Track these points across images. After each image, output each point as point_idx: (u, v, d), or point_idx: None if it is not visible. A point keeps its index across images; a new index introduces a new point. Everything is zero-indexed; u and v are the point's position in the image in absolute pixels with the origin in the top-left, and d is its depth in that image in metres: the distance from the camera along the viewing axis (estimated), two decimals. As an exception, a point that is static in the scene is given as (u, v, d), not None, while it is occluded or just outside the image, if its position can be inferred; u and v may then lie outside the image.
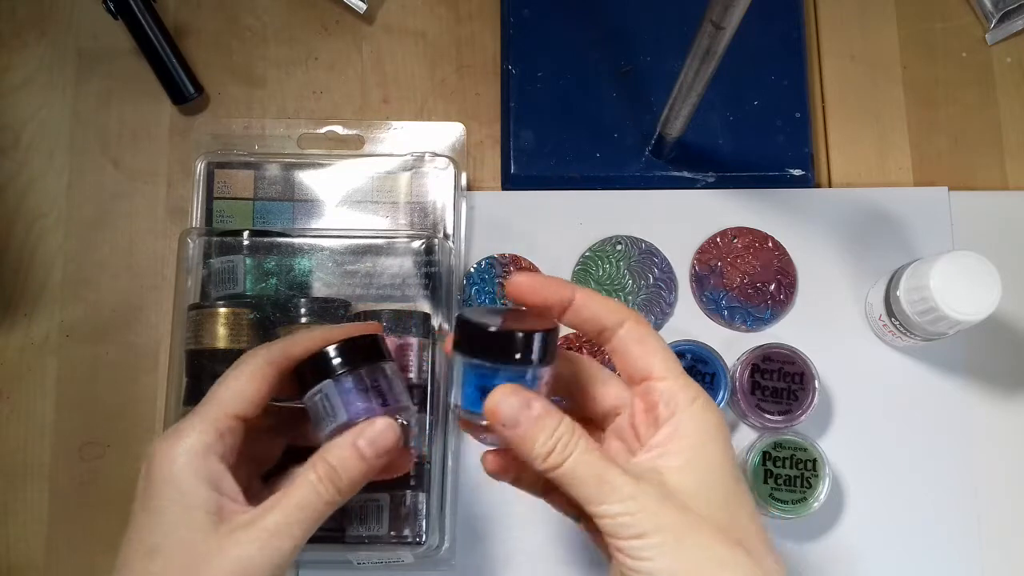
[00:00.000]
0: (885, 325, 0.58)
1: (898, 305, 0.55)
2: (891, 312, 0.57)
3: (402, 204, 0.62)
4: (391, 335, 0.56)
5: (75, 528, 0.59)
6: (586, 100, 0.64)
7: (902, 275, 0.55)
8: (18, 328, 0.62)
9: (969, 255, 0.52)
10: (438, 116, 0.65)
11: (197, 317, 0.56)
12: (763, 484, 0.56)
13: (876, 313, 0.59)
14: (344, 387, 0.43)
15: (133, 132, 0.65)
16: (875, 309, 0.59)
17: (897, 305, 0.55)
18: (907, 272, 0.55)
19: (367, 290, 0.58)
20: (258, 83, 0.65)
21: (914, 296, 0.53)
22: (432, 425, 0.56)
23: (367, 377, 0.44)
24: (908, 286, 0.54)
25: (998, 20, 0.66)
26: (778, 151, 0.64)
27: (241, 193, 0.62)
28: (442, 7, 0.67)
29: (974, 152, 0.65)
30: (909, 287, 0.54)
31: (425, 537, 0.55)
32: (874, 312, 0.59)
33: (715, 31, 0.46)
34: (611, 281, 0.62)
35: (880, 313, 0.58)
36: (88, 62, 0.65)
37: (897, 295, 0.55)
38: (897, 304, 0.55)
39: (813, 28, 0.67)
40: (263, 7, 0.66)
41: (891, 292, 0.56)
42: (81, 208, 0.63)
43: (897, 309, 0.56)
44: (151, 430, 0.60)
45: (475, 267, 0.62)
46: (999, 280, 0.51)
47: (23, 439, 0.60)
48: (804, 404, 0.58)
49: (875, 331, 0.61)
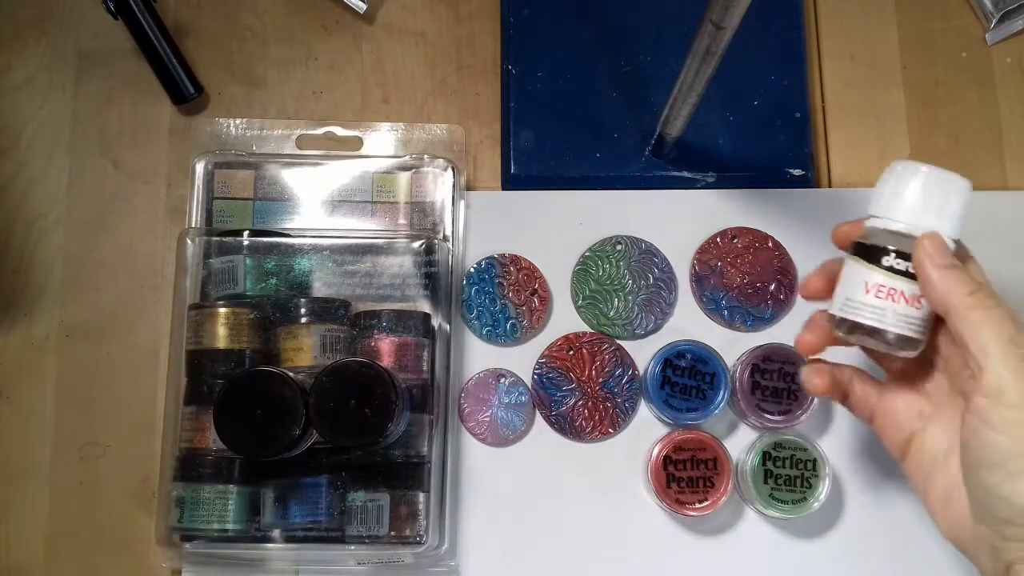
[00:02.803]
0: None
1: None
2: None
3: (402, 204, 0.62)
4: (391, 335, 0.56)
5: (75, 528, 0.59)
6: (586, 100, 0.64)
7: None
8: (18, 328, 0.62)
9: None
10: (438, 116, 0.65)
11: (197, 317, 0.56)
12: (763, 484, 0.56)
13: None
14: None
15: (133, 132, 0.65)
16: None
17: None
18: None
19: (367, 290, 0.58)
20: (258, 83, 0.65)
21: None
22: (432, 425, 0.56)
23: None
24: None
25: (998, 20, 0.66)
26: (778, 151, 0.64)
27: (241, 193, 0.62)
28: (442, 7, 0.67)
29: (974, 152, 0.65)
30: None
31: (425, 537, 0.55)
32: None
33: (715, 31, 0.46)
34: (611, 281, 0.62)
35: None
36: (88, 62, 0.65)
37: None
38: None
39: (813, 28, 0.67)
40: (263, 7, 0.66)
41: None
42: (81, 208, 0.63)
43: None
44: (151, 430, 0.60)
45: (475, 267, 0.62)
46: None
47: (23, 439, 0.60)
48: (804, 404, 0.58)
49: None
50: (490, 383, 0.60)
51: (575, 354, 0.61)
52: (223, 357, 0.56)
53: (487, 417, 0.60)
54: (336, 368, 0.52)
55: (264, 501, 0.55)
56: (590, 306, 0.62)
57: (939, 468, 0.42)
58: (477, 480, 0.59)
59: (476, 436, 0.60)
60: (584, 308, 0.62)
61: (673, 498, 0.56)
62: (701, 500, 0.56)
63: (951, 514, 0.41)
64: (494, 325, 0.61)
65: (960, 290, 0.38)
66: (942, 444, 0.42)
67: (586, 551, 0.59)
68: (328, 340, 0.56)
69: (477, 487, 0.59)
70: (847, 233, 0.44)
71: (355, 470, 0.55)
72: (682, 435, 0.57)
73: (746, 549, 0.59)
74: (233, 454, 0.53)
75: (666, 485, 0.56)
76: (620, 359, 0.61)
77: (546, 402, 0.60)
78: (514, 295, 0.61)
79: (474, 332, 0.61)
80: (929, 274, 0.39)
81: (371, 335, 0.56)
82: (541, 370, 0.61)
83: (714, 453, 0.56)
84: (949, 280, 0.39)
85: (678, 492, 0.56)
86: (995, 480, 0.37)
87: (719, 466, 0.56)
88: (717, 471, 0.56)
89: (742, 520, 0.59)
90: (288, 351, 0.56)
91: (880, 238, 0.41)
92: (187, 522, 0.54)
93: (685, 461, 0.56)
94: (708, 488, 0.56)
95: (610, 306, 0.62)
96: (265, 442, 0.51)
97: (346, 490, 0.55)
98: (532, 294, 0.61)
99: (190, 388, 0.56)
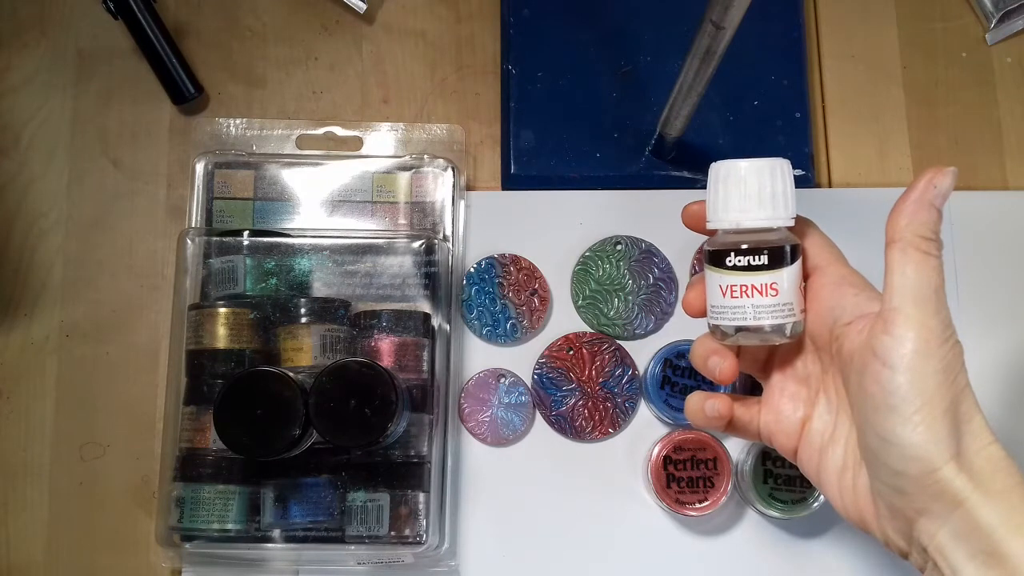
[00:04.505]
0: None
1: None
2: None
3: (402, 204, 0.62)
4: (391, 335, 0.56)
5: (75, 528, 0.59)
6: (586, 100, 0.64)
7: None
8: (18, 328, 0.62)
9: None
10: (438, 116, 0.65)
11: (197, 317, 0.56)
12: (763, 484, 0.56)
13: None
14: None
15: (133, 132, 0.65)
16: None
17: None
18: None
19: (367, 290, 0.58)
20: (258, 83, 0.65)
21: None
22: (432, 425, 0.56)
23: None
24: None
25: (998, 20, 0.66)
26: (778, 151, 0.63)
27: (241, 193, 0.62)
28: (442, 7, 0.67)
29: (974, 152, 0.65)
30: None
31: (425, 537, 0.55)
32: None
33: (715, 31, 0.46)
34: (611, 281, 0.62)
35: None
36: (88, 62, 0.65)
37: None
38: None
39: (813, 28, 0.67)
40: (263, 7, 0.66)
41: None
42: (81, 208, 0.63)
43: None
44: (151, 430, 0.60)
45: (475, 267, 0.62)
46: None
47: (23, 439, 0.60)
48: (804, 404, 0.58)
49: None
50: (490, 383, 0.60)
51: (575, 354, 0.61)
52: (223, 357, 0.56)
53: (487, 417, 0.60)
54: (336, 368, 0.52)
55: (264, 501, 0.55)
56: (590, 306, 0.62)
57: (828, 445, 0.42)
58: (477, 480, 0.59)
59: (476, 436, 0.60)
60: (584, 308, 0.62)
61: (673, 498, 0.56)
62: (701, 500, 0.56)
63: (848, 488, 0.41)
64: (494, 325, 0.61)
65: (921, 229, 0.38)
66: (828, 421, 0.42)
67: (586, 551, 0.59)
68: (328, 340, 0.56)
69: (477, 487, 0.59)
70: (693, 212, 0.45)
71: (355, 470, 0.55)
72: (682, 435, 0.57)
73: (746, 549, 0.59)
74: (233, 454, 0.53)
75: (666, 485, 0.56)
76: (620, 359, 0.61)
77: (546, 402, 0.60)
78: (514, 295, 0.61)
79: (474, 332, 0.61)
80: (907, 200, 0.39)
81: (371, 335, 0.56)
82: (541, 370, 0.61)
83: (714, 453, 0.56)
84: (921, 213, 0.38)
85: (678, 492, 0.56)
86: (889, 425, 0.37)
87: (719, 466, 0.56)
88: (717, 471, 0.56)
89: (742, 520, 0.59)
90: (288, 351, 0.56)
91: (720, 242, 0.42)
92: (187, 522, 0.54)
93: (685, 461, 0.56)
94: (708, 488, 0.56)
95: (610, 306, 0.62)
96: (265, 442, 0.51)
97: (346, 490, 0.55)
98: (532, 294, 0.61)
99: (190, 388, 0.56)
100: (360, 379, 0.52)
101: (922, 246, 0.38)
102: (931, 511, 0.37)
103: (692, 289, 0.45)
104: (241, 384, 0.52)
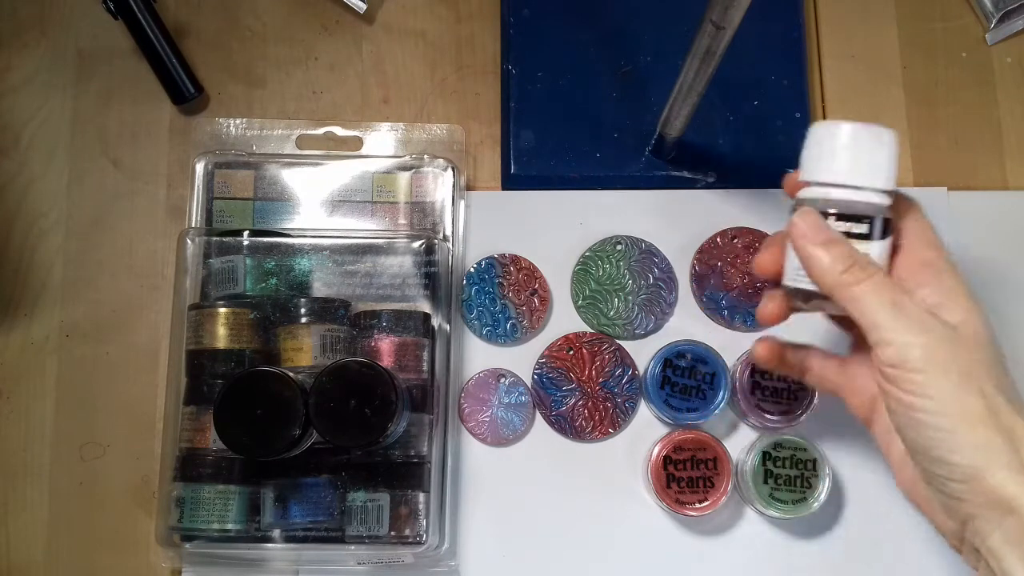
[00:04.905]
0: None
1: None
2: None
3: (402, 204, 0.62)
4: (391, 335, 0.56)
5: (75, 528, 0.59)
6: (586, 100, 0.64)
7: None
8: (18, 328, 0.62)
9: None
10: (438, 116, 0.65)
11: (197, 317, 0.56)
12: (763, 484, 0.56)
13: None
14: None
15: (133, 132, 0.65)
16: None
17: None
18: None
19: (367, 290, 0.58)
20: (258, 83, 0.65)
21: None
22: (432, 425, 0.56)
23: None
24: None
25: (998, 20, 0.66)
26: (778, 151, 0.63)
27: (241, 193, 0.62)
28: (442, 7, 0.67)
29: (974, 152, 0.65)
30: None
31: (425, 537, 0.55)
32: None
33: (715, 31, 0.46)
34: (611, 281, 0.62)
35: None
36: (88, 62, 0.65)
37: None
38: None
39: (813, 28, 0.67)
40: (263, 7, 0.66)
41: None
42: (81, 208, 0.63)
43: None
44: (151, 430, 0.60)
45: (475, 267, 0.62)
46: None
47: (23, 439, 0.60)
48: (804, 404, 0.58)
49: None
50: (490, 383, 0.60)
51: (575, 354, 0.61)
52: (223, 357, 0.56)
53: (487, 417, 0.60)
54: (336, 368, 0.52)
55: (264, 501, 0.55)
56: (590, 306, 0.62)
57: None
58: (477, 480, 0.59)
59: (476, 436, 0.60)
60: (584, 308, 0.62)
61: (673, 498, 0.56)
62: (701, 500, 0.56)
63: (908, 475, 0.41)
64: (494, 325, 0.61)
65: (835, 268, 0.38)
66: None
67: (586, 551, 0.59)
68: (328, 340, 0.56)
69: (477, 487, 0.59)
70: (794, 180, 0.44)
71: (355, 470, 0.55)
72: (682, 435, 0.57)
73: (746, 549, 0.59)
74: (233, 454, 0.53)
75: (666, 485, 0.56)
76: (620, 359, 0.61)
77: (546, 402, 0.60)
78: (514, 295, 0.61)
79: (474, 332, 0.61)
80: (805, 254, 0.39)
81: (371, 335, 0.56)
82: (541, 370, 0.61)
83: (714, 453, 0.56)
84: (825, 258, 0.39)
85: (678, 492, 0.56)
86: (922, 442, 0.37)
87: (719, 466, 0.56)
88: (717, 471, 0.56)
89: (742, 520, 0.59)
90: (288, 351, 0.56)
91: (817, 202, 0.41)
92: (187, 522, 0.54)
93: (685, 461, 0.56)
94: (708, 488, 0.56)
95: (610, 306, 0.62)
96: (265, 442, 0.51)
97: (346, 490, 0.55)
98: (532, 294, 0.61)
99: (190, 388, 0.56)
100: (360, 379, 0.52)
101: (850, 280, 0.38)
102: (983, 516, 0.37)
103: (767, 250, 0.44)
104: (241, 384, 0.52)
